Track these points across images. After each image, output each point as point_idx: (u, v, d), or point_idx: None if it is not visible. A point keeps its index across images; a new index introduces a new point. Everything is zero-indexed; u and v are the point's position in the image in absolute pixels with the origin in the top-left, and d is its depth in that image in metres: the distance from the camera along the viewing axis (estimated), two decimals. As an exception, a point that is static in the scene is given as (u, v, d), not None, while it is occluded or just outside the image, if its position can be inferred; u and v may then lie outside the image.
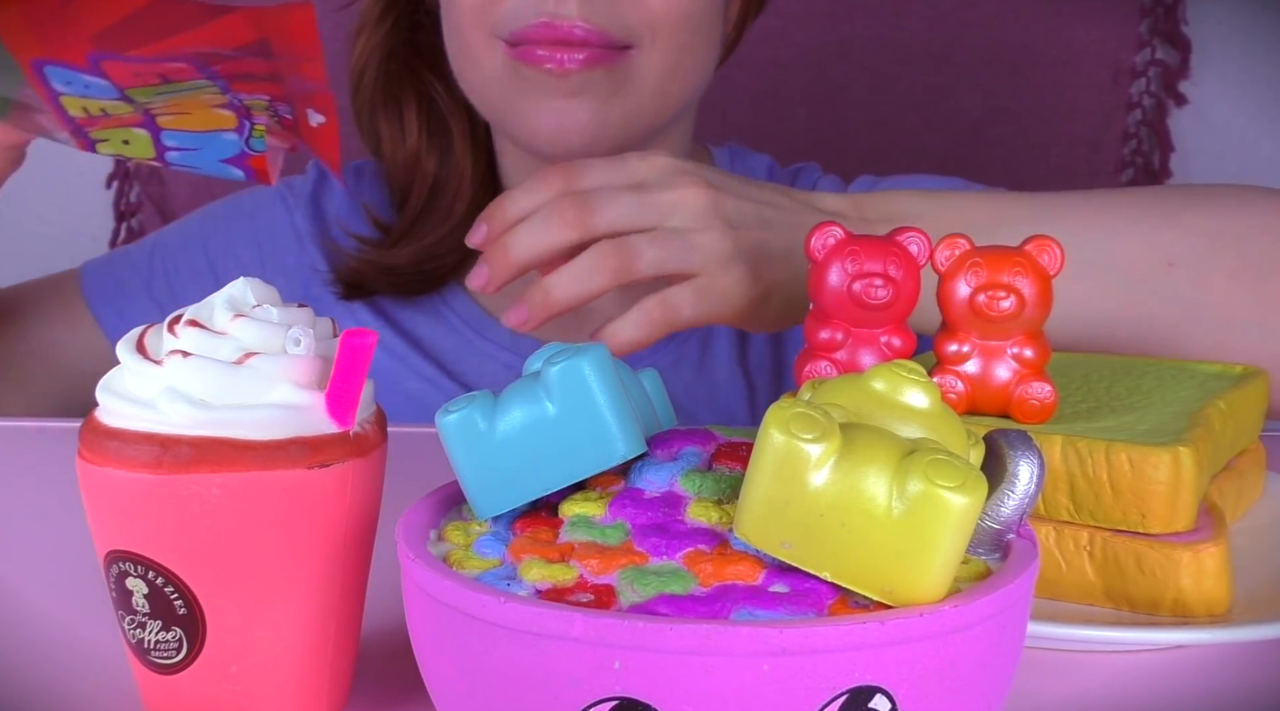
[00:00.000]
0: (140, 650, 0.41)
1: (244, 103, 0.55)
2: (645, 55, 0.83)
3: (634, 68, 0.83)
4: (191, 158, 0.58)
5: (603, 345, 0.36)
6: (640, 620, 0.30)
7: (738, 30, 0.96)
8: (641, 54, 0.83)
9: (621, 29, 0.82)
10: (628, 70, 0.83)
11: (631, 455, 0.36)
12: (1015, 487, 0.34)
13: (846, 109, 1.45)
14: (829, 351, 0.52)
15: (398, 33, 0.96)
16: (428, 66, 0.96)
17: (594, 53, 0.81)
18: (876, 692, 0.30)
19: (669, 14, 0.83)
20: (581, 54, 0.81)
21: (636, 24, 0.82)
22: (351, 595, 0.42)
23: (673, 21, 0.83)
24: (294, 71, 0.53)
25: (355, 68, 0.96)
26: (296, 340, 0.40)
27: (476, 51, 0.85)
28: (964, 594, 0.31)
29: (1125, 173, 1.46)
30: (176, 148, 0.57)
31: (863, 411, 0.33)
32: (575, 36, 0.81)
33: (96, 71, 0.51)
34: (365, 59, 0.96)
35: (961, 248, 0.51)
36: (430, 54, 0.95)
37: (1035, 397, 0.51)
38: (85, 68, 0.51)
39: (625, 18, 0.82)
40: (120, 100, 0.53)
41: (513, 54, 0.83)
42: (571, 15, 0.80)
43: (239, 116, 0.55)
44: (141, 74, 0.51)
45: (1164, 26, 1.43)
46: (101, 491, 0.39)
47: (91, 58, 0.51)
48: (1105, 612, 0.49)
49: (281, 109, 0.55)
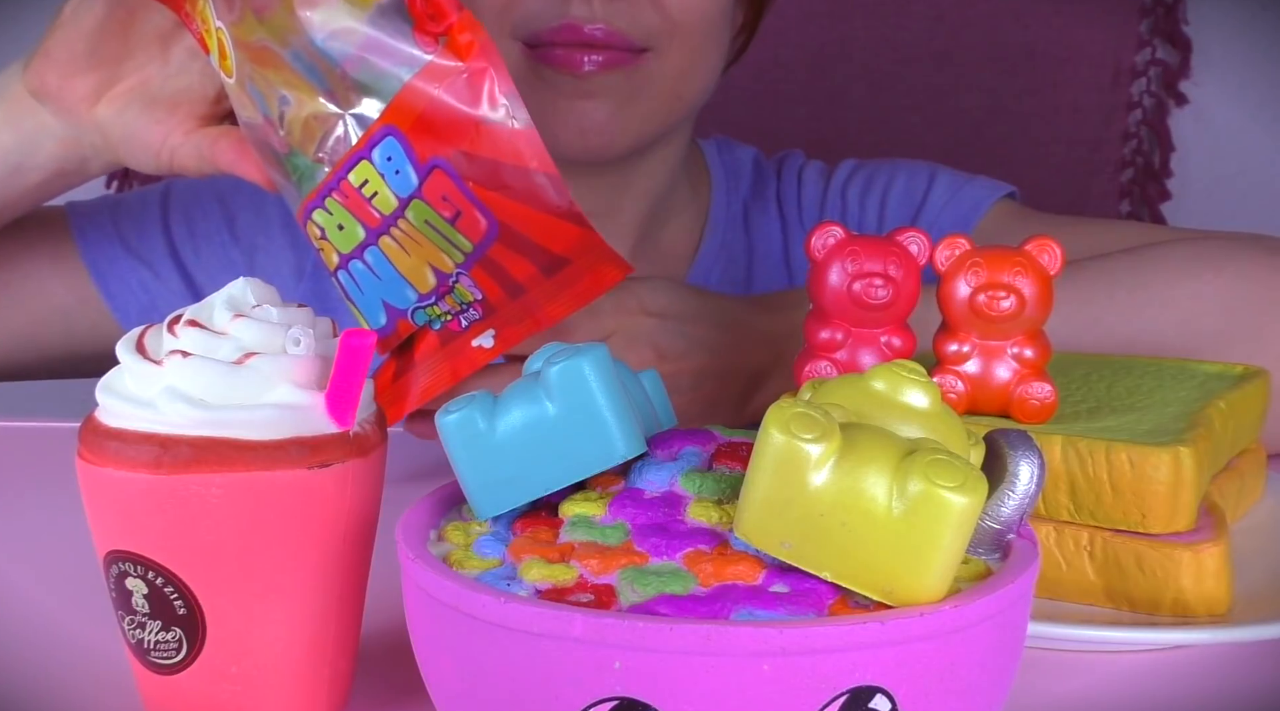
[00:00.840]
0: (140, 650, 0.41)
1: (456, 284, 0.56)
2: (660, 58, 0.84)
3: (650, 71, 0.84)
4: (368, 280, 0.58)
5: (603, 345, 0.36)
6: (640, 620, 0.30)
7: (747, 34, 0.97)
8: (657, 57, 0.84)
9: (641, 32, 0.82)
10: (644, 73, 0.84)
11: (631, 455, 0.36)
12: (1015, 487, 0.34)
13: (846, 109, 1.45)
14: (829, 351, 0.52)
15: None
16: None
17: (611, 55, 0.82)
18: (877, 692, 0.30)
19: (686, 19, 0.84)
20: (600, 56, 0.82)
21: (655, 28, 0.83)
22: (351, 595, 0.42)
23: (689, 26, 0.84)
24: (543, 298, 0.55)
25: None
26: (296, 340, 0.40)
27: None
28: (964, 594, 0.31)
29: (1125, 173, 1.46)
30: (368, 265, 0.57)
31: (863, 411, 0.33)
32: (596, 39, 0.81)
33: (422, 172, 0.53)
34: None
35: (961, 248, 0.51)
36: None
37: (1035, 397, 0.51)
38: (419, 162, 0.53)
39: (645, 22, 0.82)
40: (399, 199, 0.54)
41: (531, 55, 0.83)
42: (594, 18, 0.81)
43: (436, 289, 0.57)
44: (448, 200, 0.53)
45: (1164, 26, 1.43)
46: (101, 491, 0.39)
47: (434, 160, 0.53)
48: (1105, 612, 0.49)
49: (470, 313, 0.57)
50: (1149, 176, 1.45)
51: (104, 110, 0.68)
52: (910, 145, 1.39)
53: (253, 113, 0.59)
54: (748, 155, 1.04)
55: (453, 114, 0.52)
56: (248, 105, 0.59)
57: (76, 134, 0.70)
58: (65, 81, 0.67)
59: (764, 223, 1.01)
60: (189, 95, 0.68)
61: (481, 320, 0.57)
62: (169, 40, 0.67)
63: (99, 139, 0.70)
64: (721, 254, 0.98)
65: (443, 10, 0.52)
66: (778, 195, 1.02)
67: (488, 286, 0.56)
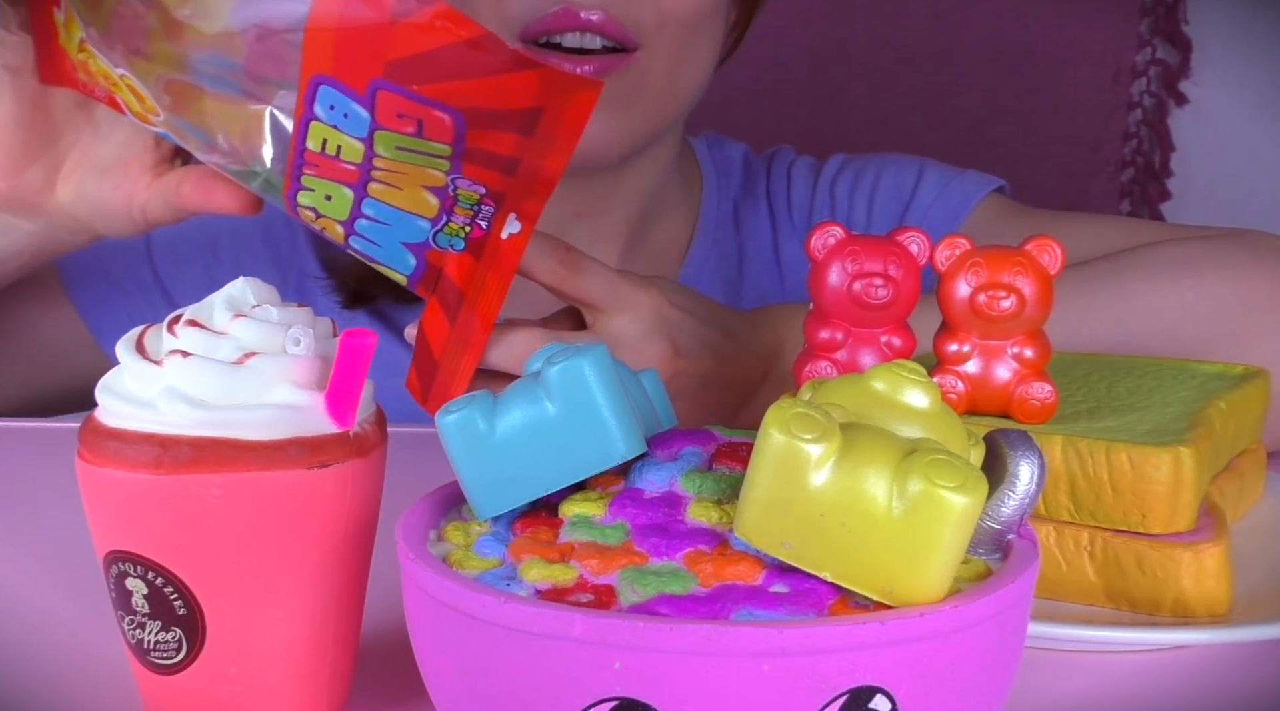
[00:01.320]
0: (140, 650, 0.41)
1: (456, 192, 0.55)
2: (650, 55, 0.83)
3: (642, 71, 0.83)
4: (378, 232, 0.57)
5: (603, 345, 0.36)
6: (640, 620, 0.29)
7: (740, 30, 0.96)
8: (647, 54, 0.83)
9: (634, 24, 0.82)
10: (636, 75, 0.83)
11: (631, 455, 0.36)
12: (1015, 487, 0.34)
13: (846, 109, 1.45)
14: (829, 351, 0.52)
15: None
16: None
17: (603, 61, 0.81)
18: (877, 693, 0.30)
19: (680, 11, 0.83)
20: (591, 64, 0.81)
21: (647, 20, 0.82)
22: (351, 595, 0.42)
23: (682, 19, 0.83)
24: (537, 158, 0.54)
25: None
26: (296, 340, 0.40)
27: None
28: (964, 594, 0.31)
29: (1125, 172, 1.46)
30: (370, 217, 0.57)
31: (863, 411, 0.33)
32: (592, 24, 0.80)
33: (368, 101, 0.51)
34: None
35: (961, 248, 0.51)
36: None
37: (1035, 397, 0.51)
38: (360, 94, 0.51)
39: (638, 13, 0.82)
40: (362, 140, 0.53)
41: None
42: (591, 3, 0.80)
43: (441, 207, 0.56)
44: (404, 115, 0.52)
45: (1164, 26, 1.43)
46: (101, 491, 0.39)
47: (373, 84, 0.51)
48: (1105, 612, 0.49)
49: (484, 211, 0.56)
50: (1149, 176, 1.46)
51: (62, 194, 0.67)
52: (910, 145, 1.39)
53: (195, 144, 0.58)
54: (738, 152, 1.03)
55: (363, 29, 0.50)
56: (188, 138, 0.58)
57: (47, 225, 0.69)
58: (11, 182, 0.66)
59: (754, 220, 1.01)
60: (131, 150, 0.66)
61: (497, 211, 0.56)
62: (89, 106, 0.66)
63: (71, 222, 0.68)
64: (713, 252, 0.97)
65: None
66: (768, 192, 1.02)
67: (483, 176, 0.54)
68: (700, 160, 1.01)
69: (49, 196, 0.68)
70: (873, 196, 0.98)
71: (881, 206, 0.97)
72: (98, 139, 0.67)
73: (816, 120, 1.45)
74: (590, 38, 0.81)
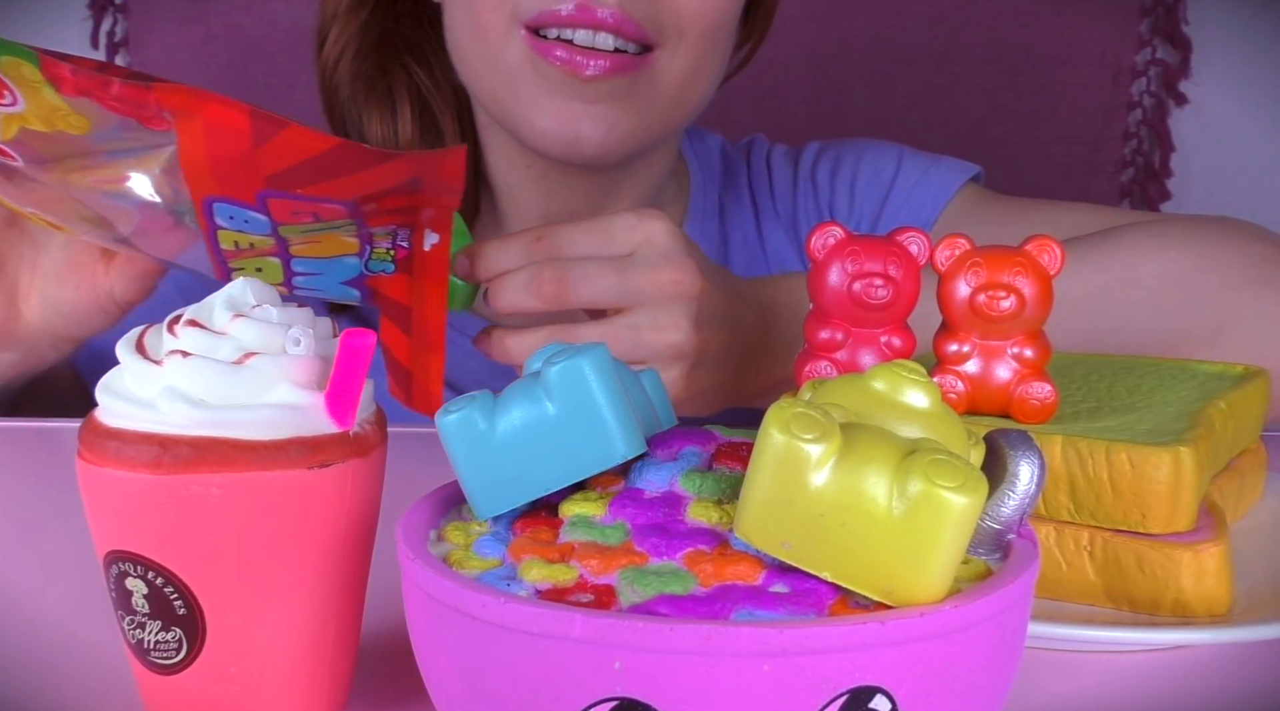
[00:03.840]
0: (140, 650, 0.41)
1: (370, 236, 0.57)
2: (667, 60, 0.82)
3: (655, 75, 0.82)
4: (315, 281, 0.60)
5: (603, 345, 0.36)
6: (640, 620, 0.29)
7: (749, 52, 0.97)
8: (663, 58, 0.82)
9: (653, 26, 0.80)
10: (649, 78, 0.82)
11: (631, 455, 0.36)
12: (1015, 487, 0.34)
13: (846, 109, 1.45)
14: (829, 351, 0.52)
15: (376, 24, 0.92)
16: (415, 59, 0.93)
17: (615, 60, 0.80)
18: (877, 693, 0.30)
19: (700, 18, 0.82)
20: (606, 61, 0.79)
21: (666, 23, 0.81)
22: (351, 595, 0.42)
23: (701, 26, 0.82)
24: (431, 204, 0.56)
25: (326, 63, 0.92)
26: (296, 340, 0.40)
27: (492, 37, 0.82)
28: (964, 594, 0.31)
29: (1125, 172, 1.46)
30: (303, 273, 0.60)
31: (863, 411, 0.33)
32: (608, 24, 0.79)
33: (261, 208, 0.54)
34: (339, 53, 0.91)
35: (961, 248, 0.51)
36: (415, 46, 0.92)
37: (1035, 397, 0.51)
38: (251, 205, 0.54)
39: (658, 15, 0.80)
40: (269, 235, 0.56)
41: (534, 46, 0.80)
42: (609, 2, 0.78)
43: (362, 242, 0.58)
44: (299, 212, 0.54)
45: (1164, 26, 1.43)
46: (101, 491, 0.39)
47: (261, 196, 0.53)
48: (1105, 612, 0.49)
49: (401, 233, 0.58)
50: (1149, 176, 1.46)
51: (29, 315, 0.67)
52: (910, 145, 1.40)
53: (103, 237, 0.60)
54: (715, 143, 1.03)
55: (233, 157, 0.52)
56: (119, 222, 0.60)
57: (26, 349, 0.69)
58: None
59: (737, 211, 1.01)
60: (76, 245, 0.66)
61: (414, 231, 0.58)
62: (18, 221, 0.65)
63: (48, 338, 0.68)
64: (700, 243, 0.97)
65: (142, 95, 0.51)
66: (749, 183, 1.02)
67: (389, 221, 0.56)
68: (685, 154, 1.01)
69: (17, 322, 0.67)
70: (854, 183, 0.98)
71: (862, 192, 0.98)
72: (40, 249, 0.66)
73: (816, 120, 1.45)
74: (603, 37, 0.80)
